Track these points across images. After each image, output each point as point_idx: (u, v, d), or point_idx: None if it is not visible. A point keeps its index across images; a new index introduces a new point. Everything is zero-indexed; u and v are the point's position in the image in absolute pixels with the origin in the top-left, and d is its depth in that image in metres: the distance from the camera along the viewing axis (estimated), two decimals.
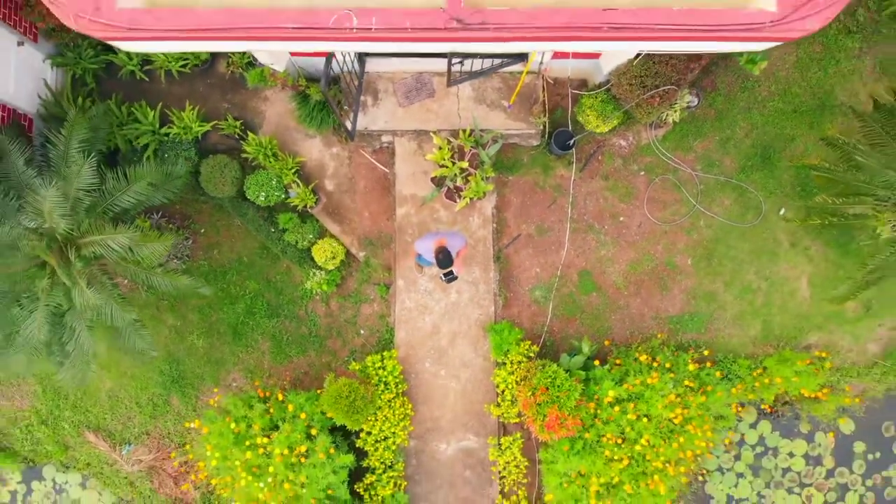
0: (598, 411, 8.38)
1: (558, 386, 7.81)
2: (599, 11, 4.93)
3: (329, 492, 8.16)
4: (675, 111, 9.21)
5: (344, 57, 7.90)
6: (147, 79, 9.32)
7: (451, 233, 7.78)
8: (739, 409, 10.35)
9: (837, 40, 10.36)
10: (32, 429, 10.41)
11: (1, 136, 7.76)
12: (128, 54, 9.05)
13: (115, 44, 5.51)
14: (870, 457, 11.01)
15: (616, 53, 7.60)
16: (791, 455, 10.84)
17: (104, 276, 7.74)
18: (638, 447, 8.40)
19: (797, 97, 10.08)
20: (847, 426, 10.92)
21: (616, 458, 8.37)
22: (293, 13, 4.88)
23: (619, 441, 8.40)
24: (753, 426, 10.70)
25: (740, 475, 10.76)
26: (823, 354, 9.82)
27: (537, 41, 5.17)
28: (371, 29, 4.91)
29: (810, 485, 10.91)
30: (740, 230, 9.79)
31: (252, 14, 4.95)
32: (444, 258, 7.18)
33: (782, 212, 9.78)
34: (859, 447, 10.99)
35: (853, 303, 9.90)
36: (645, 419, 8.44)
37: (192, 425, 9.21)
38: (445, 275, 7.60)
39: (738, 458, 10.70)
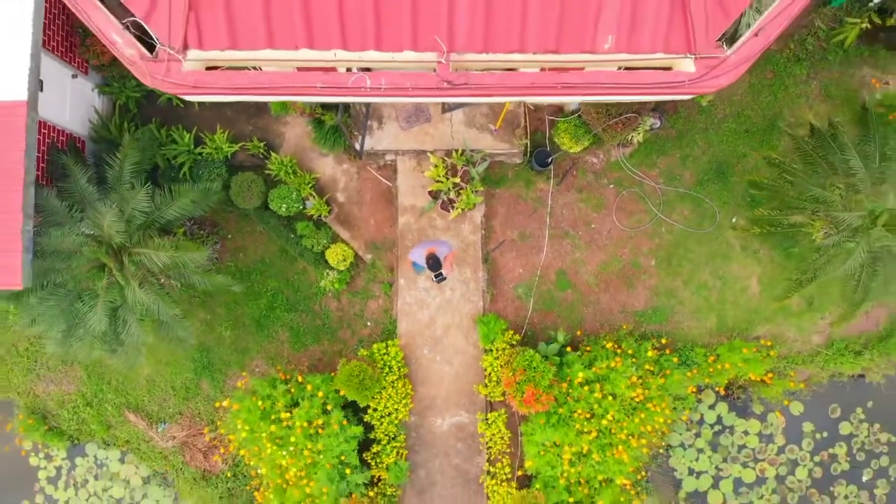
0: (570, 390, 10.00)
1: (534, 368, 9.43)
2: (555, 74, 6.52)
3: (342, 458, 9.79)
4: (639, 133, 10.81)
5: None
6: (182, 105, 10.90)
7: (439, 241, 9.39)
8: (698, 392, 11.98)
9: (787, 67, 11.95)
10: (78, 410, 12.02)
11: (66, 157, 9.35)
12: None
13: (180, 96, 7.10)
14: (817, 436, 12.65)
15: None
16: (746, 433, 12.46)
17: (151, 277, 9.32)
18: (604, 422, 10.01)
19: (749, 119, 11.67)
20: (796, 408, 12.56)
21: (585, 430, 9.99)
22: (320, 76, 6.47)
23: (588, 416, 10.02)
24: (712, 407, 12.33)
25: (700, 451, 12.39)
26: (769, 343, 11.43)
27: (509, 96, 6.76)
28: (381, 88, 6.50)
29: (763, 460, 12.54)
30: (697, 236, 11.39)
31: (288, 76, 6.53)
32: (433, 263, 8.81)
33: (734, 220, 11.38)
34: (808, 427, 12.63)
35: (797, 298, 11.53)
36: (610, 398, 10.06)
37: (223, 404, 10.80)
38: (436, 276, 9.22)
39: (698, 435, 12.33)
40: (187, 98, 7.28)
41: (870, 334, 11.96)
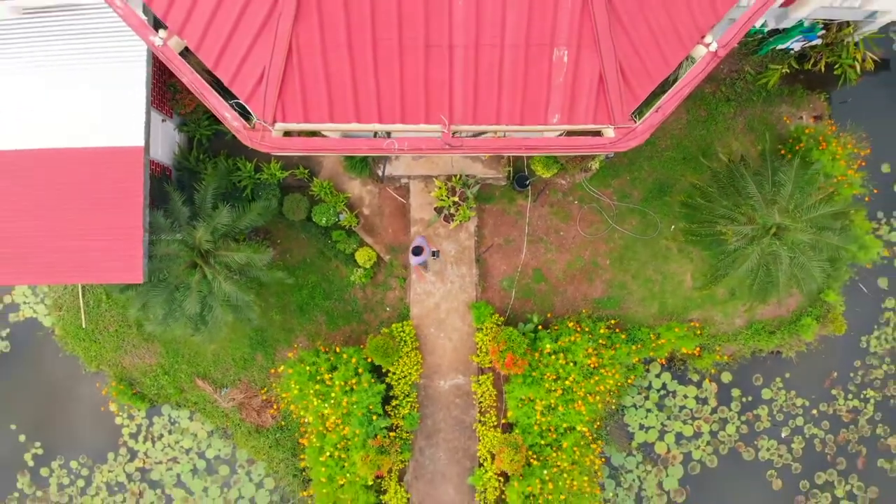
0: (541, 358, 13.65)
1: (513, 341, 13.08)
2: (522, 140, 10.12)
3: (370, 408, 13.47)
4: (596, 161, 14.42)
5: None
6: None
7: (419, 238, 13.11)
8: (646, 364, 15.63)
9: (718, 106, 15.55)
10: (157, 378, 15.68)
11: (167, 185, 12.97)
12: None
13: (271, 153, 10.68)
14: (744, 399, 16.33)
15: None
16: (685, 397, 16.15)
17: (230, 272, 12.92)
18: (567, 382, 13.67)
19: (686, 149, 15.27)
20: (726, 377, 16.25)
21: (553, 389, 13.64)
22: (366, 142, 10.07)
23: (555, 378, 13.68)
24: (658, 376, 16.02)
25: (649, 410, 16.06)
26: (699, 325, 15.06)
27: (491, 153, 10.34)
28: (405, 148, 10.08)
29: (700, 418, 16.22)
30: (643, 241, 15.01)
31: (344, 142, 10.11)
32: (415, 252, 12.48)
33: (672, 228, 14.99)
34: (736, 392, 16.32)
35: (723, 289, 15.14)
36: (572, 364, 13.71)
37: (278, 371, 14.45)
38: (415, 255, 12.92)
39: (647, 398, 16.02)
40: (274, 154, 10.86)
41: (782, 318, 15.61)
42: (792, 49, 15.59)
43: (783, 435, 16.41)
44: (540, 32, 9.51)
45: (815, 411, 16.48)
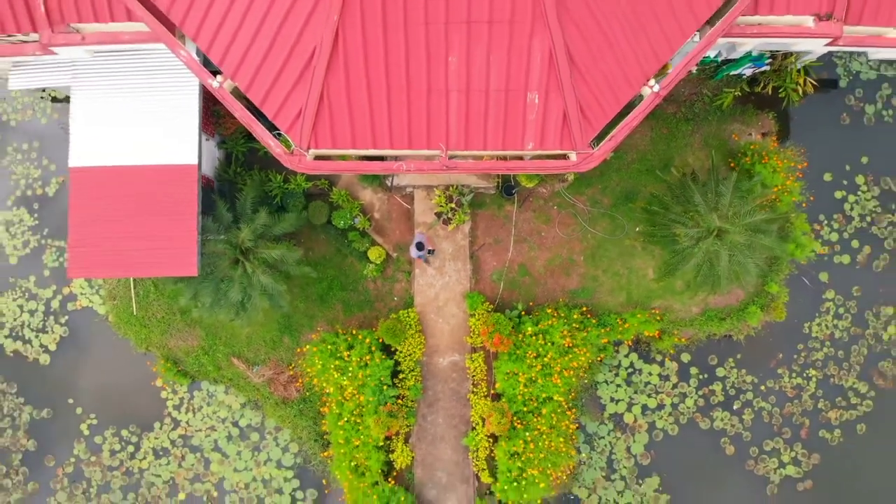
0: (524, 339, 16.71)
1: (500, 324, 16.11)
2: (502, 163, 13.13)
3: (381, 380, 16.53)
4: (571, 174, 17.44)
5: None
6: None
7: (419, 234, 16.10)
8: (616, 345, 18.66)
9: (678, 125, 18.55)
10: (198, 357, 18.74)
11: (214, 195, 16.01)
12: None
13: (306, 173, 13.70)
14: (701, 377, 19.36)
15: None
16: (650, 374, 19.19)
17: (266, 267, 15.95)
18: (546, 359, 16.71)
19: (649, 162, 18.27)
20: (685, 357, 19.30)
21: (533, 364, 16.68)
22: (381, 165, 13.10)
23: (535, 356, 16.72)
24: (626, 356, 19.06)
25: (618, 385, 19.11)
26: (658, 312, 18.09)
27: (477, 172, 13.36)
28: (412, 169, 13.10)
29: (662, 392, 19.26)
30: (612, 241, 18.04)
31: (363, 165, 13.12)
32: (418, 247, 15.51)
33: (637, 230, 18.00)
34: (694, 370, 19.35)
35: (681, 282, 18.15)
36: (550, 344, 16.76)
37: (304, 350, 17.50)
38: (428, 252, 15.99)
39: (616, 374, 19.06)
40: (308, 173, 13.90)
41: (731, 307, 18.65)
42: (744, 74, 18.61)
43: (735, 407, 19.45)
44: (517, 81, 12.52)
45: (763, 387, 19.51)
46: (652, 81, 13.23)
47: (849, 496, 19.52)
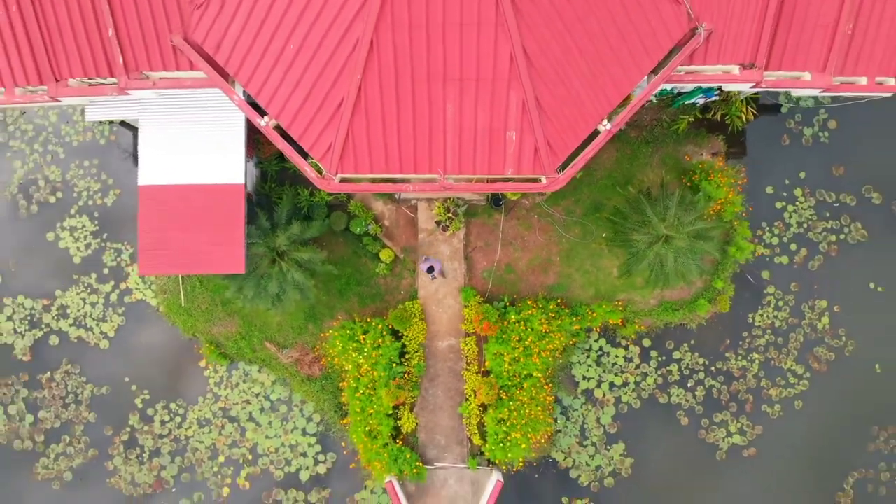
0: (508, 325, 20.78)
1: (489, 313, 20.18)
2: (488, 184, 17.15)
3: (391, 358, 20.60)
4: None
5: None
6: None
7: (434, 259, 20.11)
8: (587, 332, 22.69)
9: (639, 147, 22.56)
10: (237, 341, 22.81)
11: (257, 207, 20.04)
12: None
13: (334, 192, 17.73)
14: (660, 359, 23.42)
15: None
16: (616, 356, 23.24)
17: (297, 266, 19.98)
18: (526, 342, 20.77)
19: (615, 178, 22.29)
20: (646, 342, 23.35)
21: (516, 346, 20.75)
22: (393, 186, 17.12)
23: (518, 339, 20.78)
24: (596, 340, 23.12)
25: (589, 366, 23.16)
26: (621, 303, 22.14)
27: (467, 192, 17.38)
28: (417, 189, 17.11)
29: (626, 372, 23.30)
30: (583, 244, 22.08)
31: (377, 185, 17.13)
32: (429, 269, 19.54)
33: (604, 235, 22.01)
34: (654, 354, 23.40)
35: (640, 279, 22.16)
36: (530, 329, 20.82)
37: (326, 335, 21.56)
38: (430, 275, 19.98)
39: (588, 356, 23.13)
40: (334, 192, 17.95)
41: (684, 300, 22.69)
42: (697, 103, 22.60)
43: (689, 385, 23.49)
44: (498, 123, 16.51)
45: (713, 368, 23.56)
46: (605, 121, 17.21)
47: (787, 462, 23.58)
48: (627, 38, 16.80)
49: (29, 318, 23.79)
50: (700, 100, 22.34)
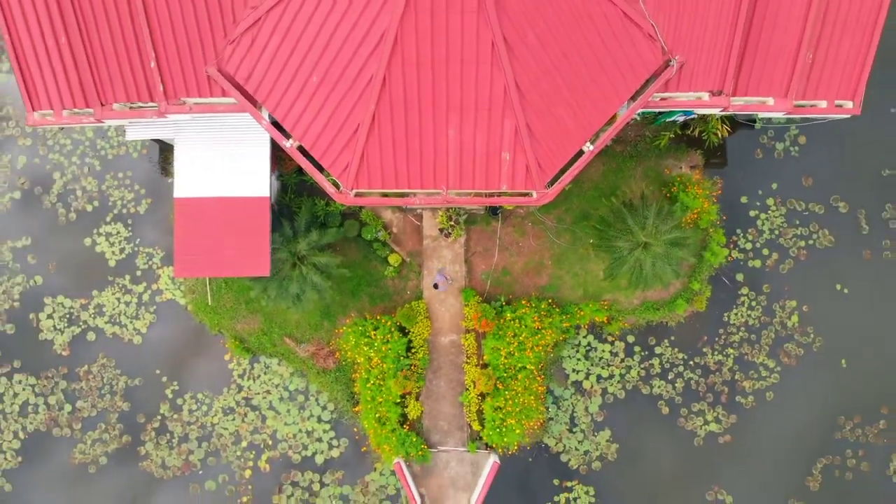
0: (504, 322, 23.45)
1: (487, 312, 22.85)
2: (483, 198, 19.83)
3: (399, 352, 23.28)
4: None
5: None
6: None
7: (440, 276, 22.78)
8: (577, 329, 25.35)
9: (624, 161, 25.20)
10: (258, 337, 25.52)
11: (282, 217, 22.73)
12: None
13: (350, 205, 20.42)
14: (643, 353, 26.09)
15: None
16: (603, 351, 25.91)
17: (315, 269, 22.65)
18: (521, 338, 23.45)
19: (601, 189, 24.94)
20: (630, 338, 26.02)
21: (511, 342, 23.42)
22: (401, 199, 19.82)
23: (513, 335, 23.45)
24: (584, 336, 25.77)
25: (579, 359, 25.83)
26: (607, 303, 24.81)
27: (469, 204, 20.11)
28: (423, 202, 19.79)
29: (612, 365, 25.97)
30: (573, 249, 24.74)
31: (387, 200, 19.83)
32: (434, 286, 22.29)
33: (591, 241, 24.67)
34: (637, 349, 26.05)
35: (624, 281, 24.80)
36: (524, 326, 23.50)
37: (341, 330, 24.25)
38: (435, 288, 22.72)
39: (577, 350, 25.79)
40: (349, 204, 20.66)
41: (664, 300, 25.33)
42: (677, 121, 25.21)
43: (669, 377, 26.13)
44: (494, 145, 19.15)
45: (691, 362, 26.20)
46: (588, 143, 19.85)
47: (759, 447, 26.21)
48: (608, 70, 19.45)
49: (68, 316, 26.49)
50: (680, 118, 24.94)
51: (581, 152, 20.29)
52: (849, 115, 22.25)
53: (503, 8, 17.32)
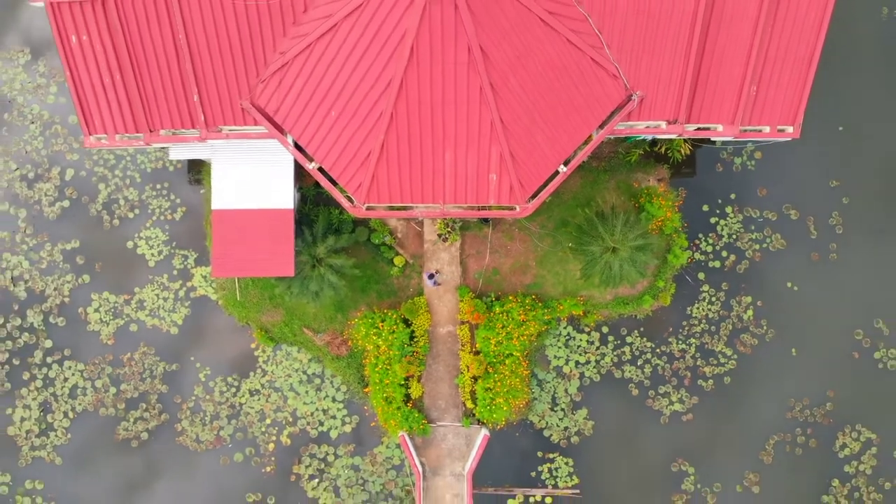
0: (494, 315, 27.85)
1: (479, 306, 27.26)
2: (475, 210, 24.16)
3: (403, 340, 27.72)
4: None
5: None
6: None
7: (430, 272, 27.23)
8: (558, 321, 29.73)
9: (599, 175, 29.56)
10: (281, 328, 29.98)
11: (302, 226, 27.10)
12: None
13: (362, 217, 24.78)
14: (616, 342, 30.49)
15: None
16: (581, 340, 30.35)
17: (331, 269, 27.03)
18: (508, 329, 27.88)
19: (579, 199, 29.30)
20: (605, 329, 30.50)
21: (500, 332, 27.83)
22: (405, 212, 24.17)
23: (501, 326, 27.87)
24: (565, 327, 30.18)
25: (560, 347, 30.24)
26: (583, 298, 29.21)
27: (464, 216, 24.46)
28: (424, 214, 24.13)
29: (589, 352, 30.40)
30: (554, 252, 29.13)
31: (394, 212, 24.17)
32: (430, 276, 26.69)
33: (569, 245, 29.01)
34: (611, 338, 30.51)
35: (597, 280, 29.14)
36: (511, 319, 27.92)
37: (353, 322, 28.66)
38: (432, 282, 27.10)
39: (558, 339, 30.22)
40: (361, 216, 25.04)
41: (633, 296, 29.72)
42: (647, 138, 29.46)
43: (638, 363, 30.51)
44: (483, 168, 23.48)
45: (658, 350, 30.59)
46: (562, 165, 24.17)
47: (717, 426, 30.62)
48: (578, 105, 23.78)
49: (112, 310, 30.89)
50: (648, 136, 29.16)
51: (556, 173, 24.63)
52: (790, 139, 26.51)
53: (489, 59, 21.63)
